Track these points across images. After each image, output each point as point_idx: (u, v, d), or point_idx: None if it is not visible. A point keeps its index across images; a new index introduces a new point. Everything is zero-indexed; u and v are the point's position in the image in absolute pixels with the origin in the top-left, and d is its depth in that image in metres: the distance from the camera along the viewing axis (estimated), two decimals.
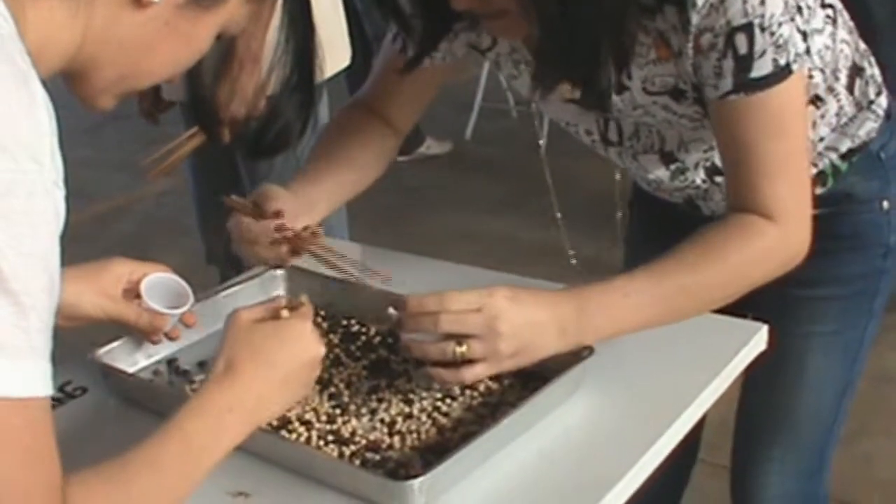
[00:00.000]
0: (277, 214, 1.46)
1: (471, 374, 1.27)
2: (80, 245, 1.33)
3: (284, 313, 1.20)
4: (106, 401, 1.47)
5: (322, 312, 1.62)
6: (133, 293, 1.44)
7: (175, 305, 1.46)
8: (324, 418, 1.35)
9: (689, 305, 1.39)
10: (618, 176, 1.70)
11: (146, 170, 2.37)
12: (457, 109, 5.76)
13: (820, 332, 1.71)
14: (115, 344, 1.50)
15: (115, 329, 1.49)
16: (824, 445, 1.78)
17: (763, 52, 1.29)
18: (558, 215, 2.93)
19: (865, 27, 1.66)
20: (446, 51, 1.57)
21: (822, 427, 1.76)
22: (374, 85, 1.71)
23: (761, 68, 1.30)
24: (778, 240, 1.37)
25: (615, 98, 1.47)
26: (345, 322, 1.60)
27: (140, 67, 1.04)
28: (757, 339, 1.54)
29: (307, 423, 1.34)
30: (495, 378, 1.40)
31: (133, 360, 1.51)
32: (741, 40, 1.29)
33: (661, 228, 1.73)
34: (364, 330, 1.58)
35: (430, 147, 5.56)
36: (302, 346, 1.17)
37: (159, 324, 1.44)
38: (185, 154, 2.38)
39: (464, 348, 1.25)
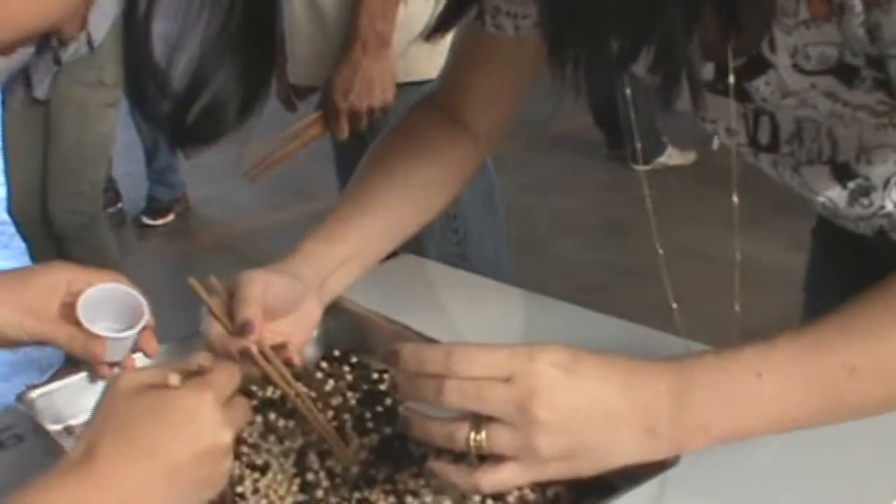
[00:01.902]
0: (244, 329, 1.02)
1: (490, 479, 0.83)
2: (291, 243, 1.14)
3: (173, 380, 0.83)
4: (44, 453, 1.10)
5: (353, 359, 1.21)
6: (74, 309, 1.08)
7: (127, 327, 1.08)
8: None
9: (868, 399, 0.87)
10: (736, 199, 1.15)
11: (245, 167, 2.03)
12: None
13: None
14: (64, 381, 1.13)
15: None
16: None
17: None
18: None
19: None
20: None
21: None
22: (445, 75, 1.27)
23: None
24: None
25: (756, 81, 0.98)
26: (376, 375, 1.17)
27: None
28: None
29: None
30: (536, 483, 0.95)
31: (85, 404, 1.14)
32: None
33: (847, 269, 1.22)
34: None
35: (672, 157, 5.09)
36: (194, 430, 0.82)
37: (95, 350, 1.07)
38: (291, 151, 2.02)
39: (482, 436, 0.81)
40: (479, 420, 0.81)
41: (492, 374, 0.81)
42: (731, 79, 0.98)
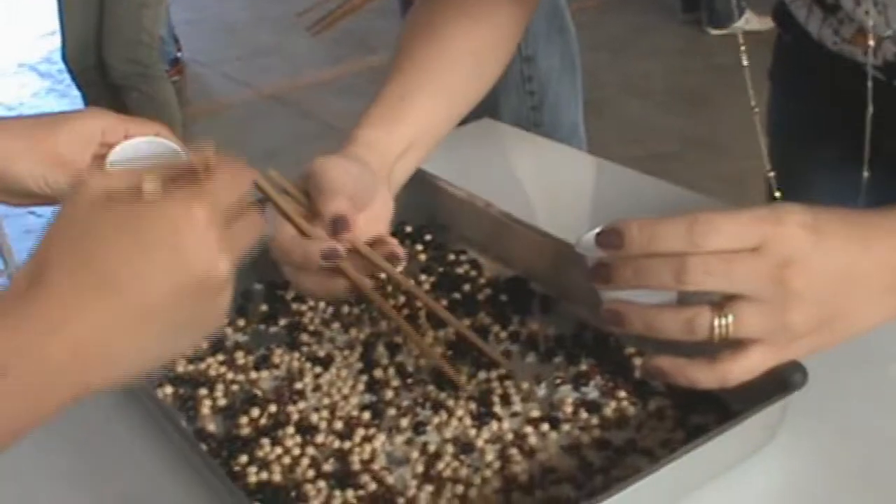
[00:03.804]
0: (339, 225, 0.85)
1: (740, 368, 0.71)
2: (352, 98, 0.89)
3: (149, 184, 0.59)
4: None
5: (427, 237, 1.09)
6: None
7: None
8: (338, 426, 0.83)
9: None
10: None
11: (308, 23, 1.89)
12: None
13: None
14: None
15: None
16: None
17: None
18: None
19: None
20: None
21: None
22: None
23: None
24: None
25: None
26: (453, 256, 1.06)
27: None
28: None
29: (309, 431, 0.82)
30: (634, 392, 0.84)
31: None
32: None
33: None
34: (474, 274, 1.03)
35: (749, 22, 4.83)
36: (176, 255, 0.58)
37: None
38: (355, 7, 1.87)
39: (728, 320, 0.69)
40: (720, 302, 0.69)
41: (737, 246, 0.68)
42: None
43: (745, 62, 1.16)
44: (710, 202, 1.21)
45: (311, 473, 0.78)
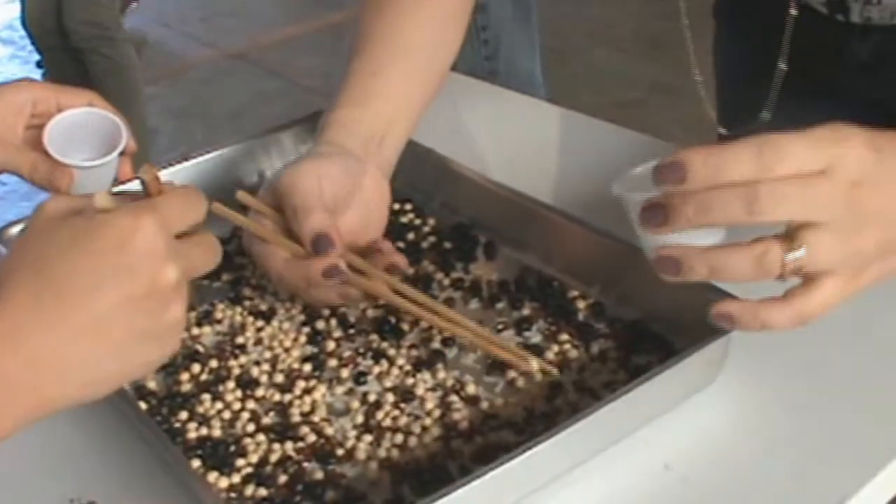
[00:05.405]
0: (320, 245, 0.83)
1: (816, 304, 0.66)
2: (315, 55, 0.85)
3: (100, 200, 0.61)
4: None
5: (408, 205, 1.06)
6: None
7: (103, 154, 0.95)
8: (279, 379, 0.82)
9: None
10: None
11: None
12: None
13: None
14: None
15: None
16: None
17: None
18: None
19: None
20: None
21: None
22: None
23: None
24: None
25: None
26: (397, 206, 1.04)
27: None
28: None
29: (250, 385, 0.82)
30: (577, 335, 0.84)
31: None
32: None
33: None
34: (419, 223, 1.02)
35: None
36: (123, 261, 0.59)
37: (60, 182, 0.93)
38: None
39: (800, 252, 0.64)
40: (788, 233, 0.64)
41: (805, 169, 0.63)
42: None
43: None
44: (671, 148, 1.20)
45: (250, 427, 0.78)
